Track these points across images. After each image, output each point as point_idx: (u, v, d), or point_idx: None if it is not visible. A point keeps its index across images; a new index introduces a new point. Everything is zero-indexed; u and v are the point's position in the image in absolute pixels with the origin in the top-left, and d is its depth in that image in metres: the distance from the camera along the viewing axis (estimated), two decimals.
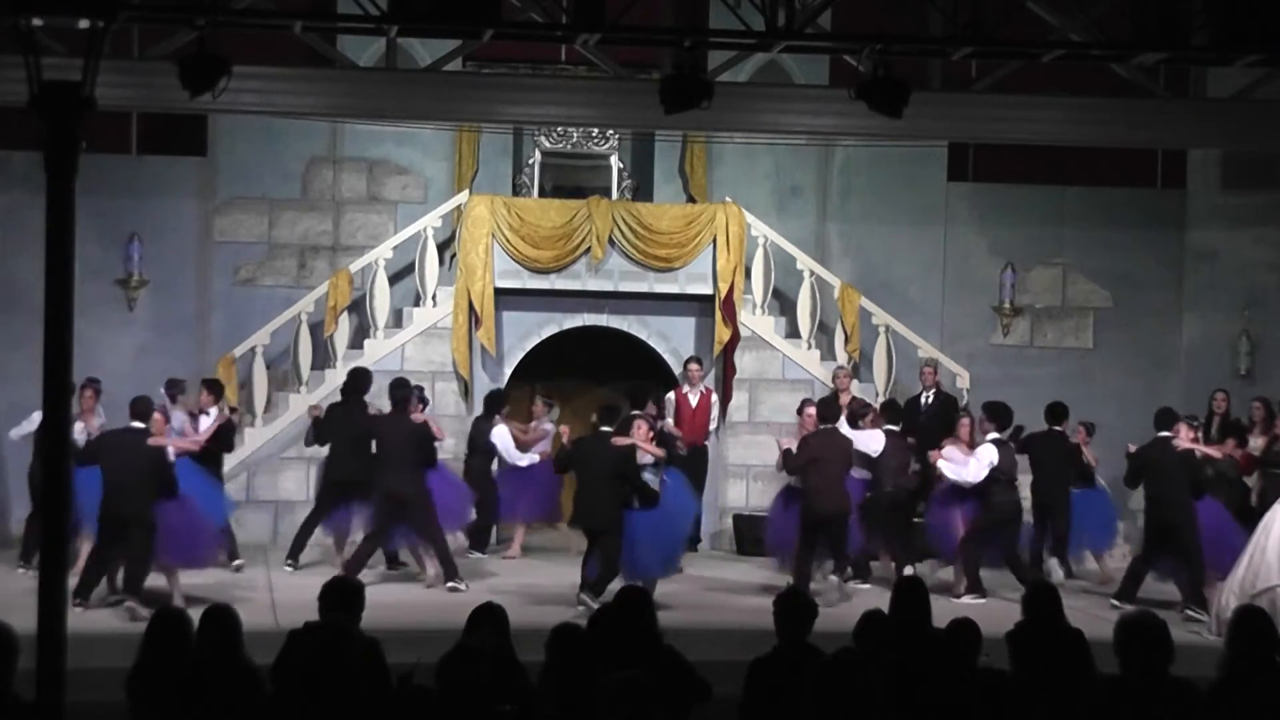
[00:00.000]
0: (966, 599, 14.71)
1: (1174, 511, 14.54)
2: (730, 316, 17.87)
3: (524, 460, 16.46)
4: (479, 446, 16.92)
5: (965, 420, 15.77)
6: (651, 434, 14.67)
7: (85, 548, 14.16)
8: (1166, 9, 12.25)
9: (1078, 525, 16.15)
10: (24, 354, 15.06)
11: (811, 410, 15.72)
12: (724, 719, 7.76)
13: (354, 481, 15.30)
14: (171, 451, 14.04)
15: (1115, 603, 14.34)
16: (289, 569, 15.64)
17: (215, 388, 16.32)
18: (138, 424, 13.83)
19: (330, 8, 16.89)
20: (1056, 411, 16.23)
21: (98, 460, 13.68)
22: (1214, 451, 14.92)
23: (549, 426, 16.78)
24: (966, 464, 15.18)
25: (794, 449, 14.94)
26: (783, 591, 8.02)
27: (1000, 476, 15.16)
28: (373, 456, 15.20)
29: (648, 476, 14.36)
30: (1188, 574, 14.52)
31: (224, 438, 15.85)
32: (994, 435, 15.28)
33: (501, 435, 16.59)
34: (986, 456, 15.12)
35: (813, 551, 14.71)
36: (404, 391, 15.51)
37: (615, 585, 13.63)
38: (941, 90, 14.19)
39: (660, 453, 14.61)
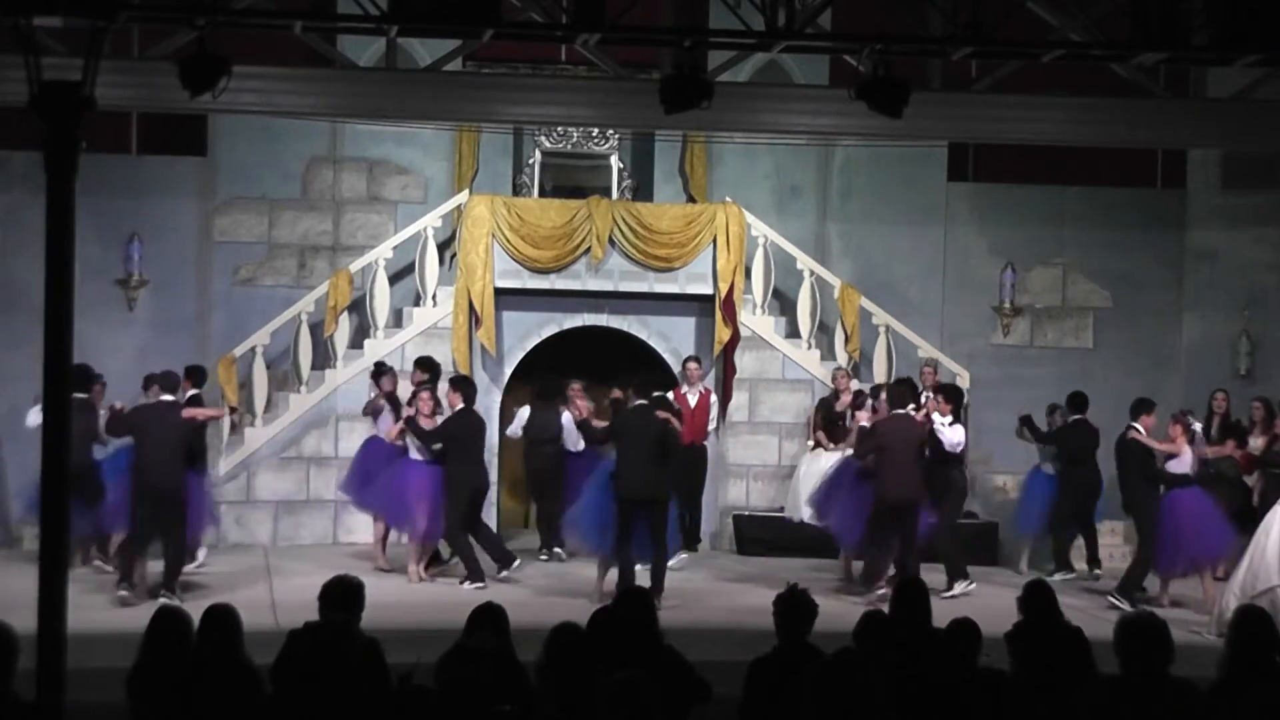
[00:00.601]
0: (958, 589, 14.73)
1: (1128, 496, 15.19)
2: (730, 316, 17.87)
3: (581, 446, 16.57)
4: (548, 434, 16.96)
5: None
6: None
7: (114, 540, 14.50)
8: (1166, 9, 12.24)
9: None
10: (24, 354, 15.04)
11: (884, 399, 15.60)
12: (724, 719, 7.76)
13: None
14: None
15: (1115, 600, 14.48)
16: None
17: (196, 374, 16.32)
18: (168, 397, 14.30)
19: (330, 8, 16.87)
20: (1078, 400, 16.46)
21: (134, 433, 14.14)
22: (1160, 445, 15.04)
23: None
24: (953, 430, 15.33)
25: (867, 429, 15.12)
26: (783, 592, 8.01)
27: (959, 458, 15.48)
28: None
29: None
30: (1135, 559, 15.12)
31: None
32: (949, 419, 15.36)
33: (569, 421, 16.73)
34: (960, 434, 15.34)
35: (881, 540, 14.72)
36: (474, 389, 15.80)
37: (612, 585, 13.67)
38: (941, 90, 14.18)
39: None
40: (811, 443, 17.35)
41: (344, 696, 7.47)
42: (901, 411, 14.99)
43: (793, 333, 18.56)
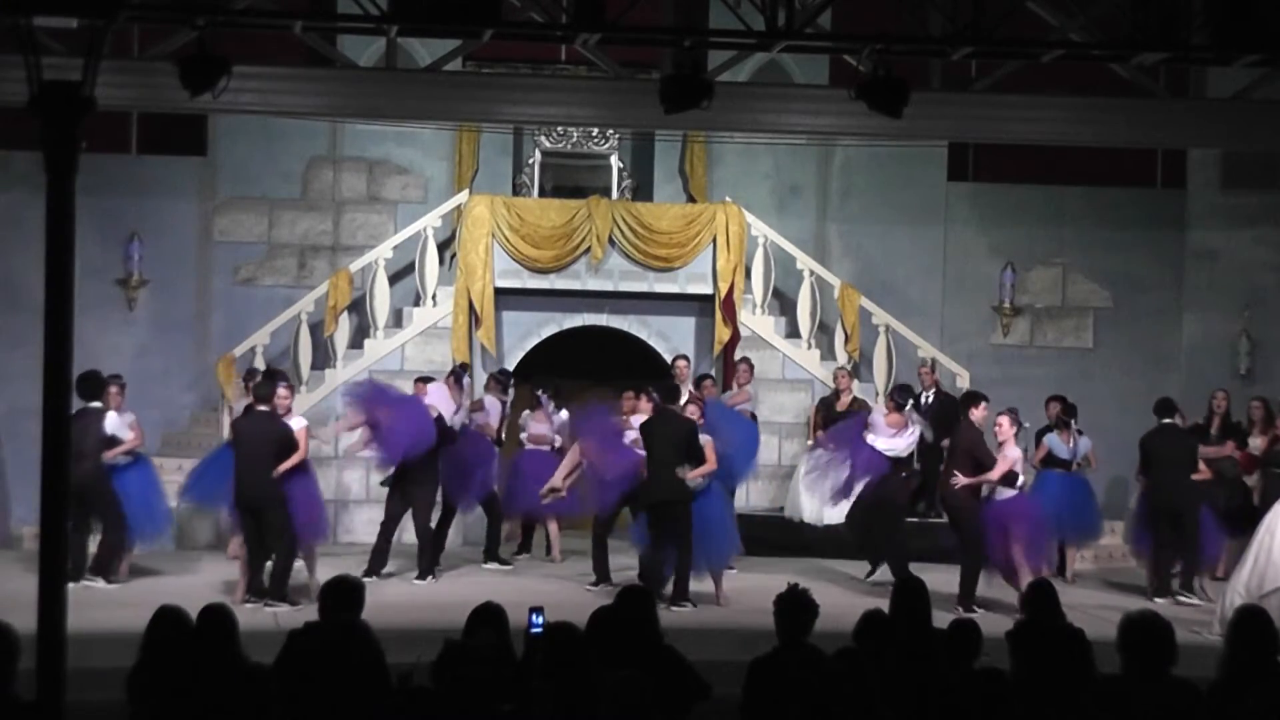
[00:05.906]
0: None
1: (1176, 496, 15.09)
2: (730, 316, 17.88)
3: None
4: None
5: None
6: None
7: (234, 544, 14.38)
8: (1166, 9, 12.24)
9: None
10: (24, 354, 15.05)
11: (983, 409, 14.65)
12: (724, 719, 7.76)
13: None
14: None
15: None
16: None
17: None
18: (263, 407, 14.00)
19: (330, 8, 16.89)
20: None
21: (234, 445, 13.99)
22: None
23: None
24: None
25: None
26: (783, 591, 8.01)
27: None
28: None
29: None
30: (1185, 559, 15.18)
31: None
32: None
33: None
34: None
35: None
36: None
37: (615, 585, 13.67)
38: (941, 90, 14.17)
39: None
40: (811, 442, 17.34)
41: (344, 696, 7.47)
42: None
43: (793, 333, 18.57)
